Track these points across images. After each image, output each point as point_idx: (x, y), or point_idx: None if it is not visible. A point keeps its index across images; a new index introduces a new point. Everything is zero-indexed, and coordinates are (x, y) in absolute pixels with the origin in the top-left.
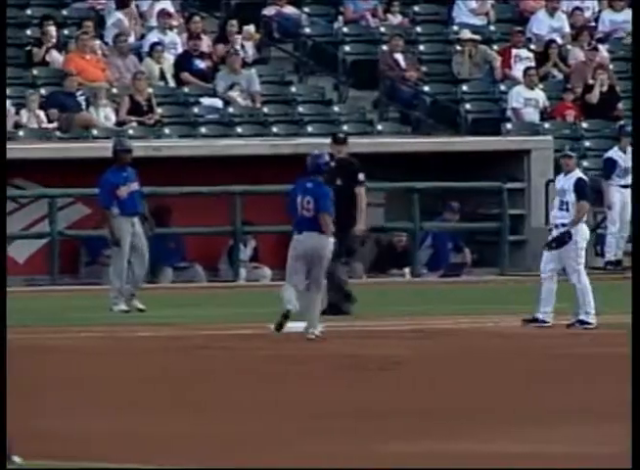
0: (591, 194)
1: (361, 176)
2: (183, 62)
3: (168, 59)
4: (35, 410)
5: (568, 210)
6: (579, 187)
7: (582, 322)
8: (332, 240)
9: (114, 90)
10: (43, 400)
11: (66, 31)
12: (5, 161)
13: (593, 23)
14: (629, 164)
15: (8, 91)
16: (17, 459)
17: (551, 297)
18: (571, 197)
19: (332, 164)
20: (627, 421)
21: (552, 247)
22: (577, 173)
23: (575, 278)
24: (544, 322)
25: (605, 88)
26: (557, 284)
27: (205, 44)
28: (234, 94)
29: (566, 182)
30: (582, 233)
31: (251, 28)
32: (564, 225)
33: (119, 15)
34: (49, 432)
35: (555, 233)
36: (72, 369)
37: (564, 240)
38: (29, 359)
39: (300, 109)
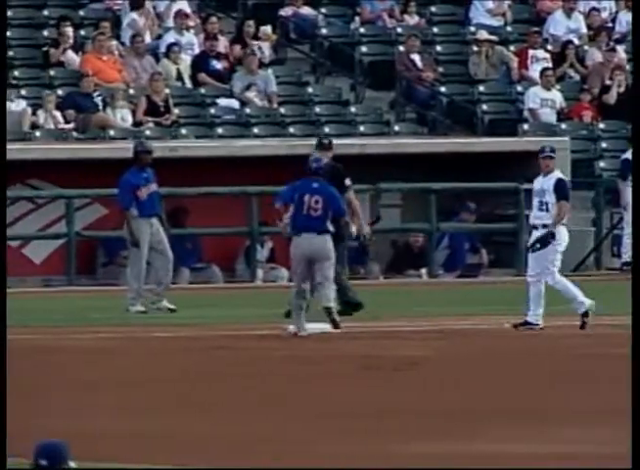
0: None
1: (347, 181)
2: (200, 62)
3: (185, 59)
4: (46, 411)
5: (547, 210)
6: (559, 187)
7: (583, 315)
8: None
9: (131, 91)
10: (56, 401)
11: (82, 32)
12: (5, 161)
13: (610, 24)
14: None
15: (24, 92)
16: (73, 465)
17: (540, 299)
18: (550, 197)
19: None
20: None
21: (536, 248)
22: (557, 174)
23: (550, 279)
24: (535, 325)
25: (622, 89)
26: (544, 286)
27: (222, 45)
28: (251, 95)
29: (545, 183)
30: (561, 235)
31: (267, 29)
32: (545, 226)
33: (134, 15)
34: (56, 432)
35: (536, 234)
36: (86, 370)
37: (547, 241)
38: (44, 360)
39: (317, 109)
